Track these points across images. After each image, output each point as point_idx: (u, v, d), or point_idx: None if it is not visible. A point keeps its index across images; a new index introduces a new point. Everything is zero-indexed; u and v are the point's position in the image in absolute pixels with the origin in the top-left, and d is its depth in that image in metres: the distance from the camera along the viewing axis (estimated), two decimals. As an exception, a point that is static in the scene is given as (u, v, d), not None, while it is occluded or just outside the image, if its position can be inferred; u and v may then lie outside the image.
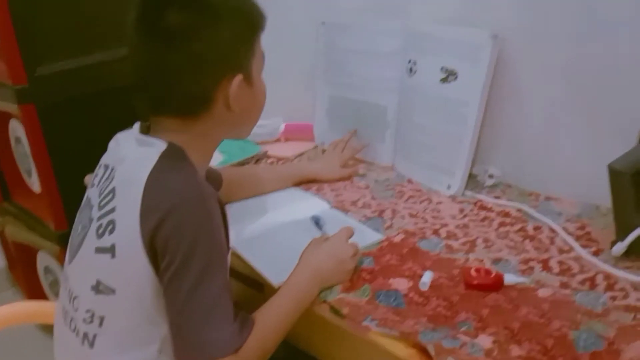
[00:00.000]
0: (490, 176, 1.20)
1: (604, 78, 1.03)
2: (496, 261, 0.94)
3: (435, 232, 1.04)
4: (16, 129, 1.60)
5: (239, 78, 0.82)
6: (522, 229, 1.04)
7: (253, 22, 0.85)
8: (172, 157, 0.80)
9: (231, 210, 0.97)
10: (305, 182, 1.26)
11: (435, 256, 0.97)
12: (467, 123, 1.14)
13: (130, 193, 0.77)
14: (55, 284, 1.77)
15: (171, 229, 0.74)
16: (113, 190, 0.80)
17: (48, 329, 0.94)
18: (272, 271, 0.94)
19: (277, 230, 1.07)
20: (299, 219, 1.10)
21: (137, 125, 0.86)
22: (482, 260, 0.95)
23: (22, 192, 1.72)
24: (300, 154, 1.42)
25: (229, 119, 0.84)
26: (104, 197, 0.80)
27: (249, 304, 0.91)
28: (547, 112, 1.12)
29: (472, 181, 1.21)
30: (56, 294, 1.79)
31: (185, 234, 0.74)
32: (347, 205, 1.16)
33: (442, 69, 1.17)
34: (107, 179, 0.82)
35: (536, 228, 1.04)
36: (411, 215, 1.11)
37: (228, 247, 0.83)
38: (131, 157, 0.81)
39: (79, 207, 0.88)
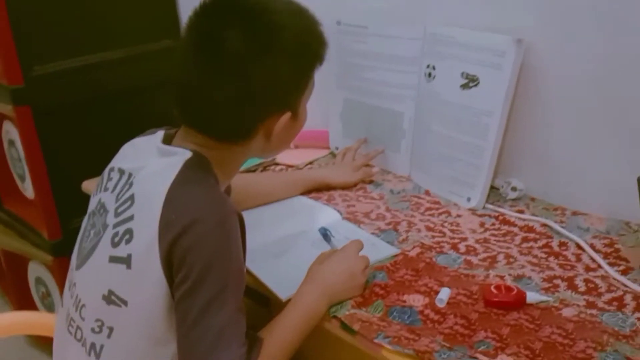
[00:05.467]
0: (513, 189, 1.21)
1: (637, 86, 1.05)
2: (518, 278, 0.96)
3: (454, 247, 1.06)
4: (10, 132, 1.63)
5: (287, 116, 0.86)
6: (546, 245, 1.06)
7: (316, 56, 0.87)
8: (196, 168, 0.82)
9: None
10: (315, 188, 1.29)
11: (453, 272, 0.98)
12: (489, 133, 1.16)
13: (150, 204, 0.80)
14: (47, 296, 1.80)
15: (190, 243, 0.76)
16: (132, 198, 0.82)
17: (36, 340, 0.96)
18: (280, 285, 0.96)
19: (284, 242, 1.09)
20: (308, 230, 1.13)
21: (159, 133, 0.89)
22: (503, 277, 0.96)
23: (14, 198, 1.75)
24: (311, 162, 1.44)
25: (263, 146, 0.89)
26: (122, 204, 0.83)
27: (253, 319, 0.93)
28: (574, 121, 1.14)
29: (494, 194, 1.23)
30: (47, 307, 1.82)
31: (203, 251, 0.77)
32: (359, 217, 1.18)
33: (462, 74, 1.19)
34: (124, 184, 0.85)
35: (562, 244, 1.05)
36: (428, 229, 1.13)
37: (244, 266, 0.86)
38: (152, 167, 0.84)
39: (88, 212, 0.91)
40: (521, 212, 1.17)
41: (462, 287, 0.94)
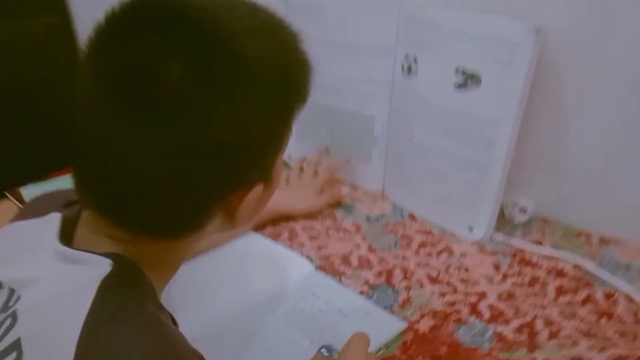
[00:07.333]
0: (522, 210, 0.94)
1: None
2: (574, 361, 0.70)
3: (474, 310, 0.78)
4: None
5: (258, 189, 0.52)
6: (590, 299, 0.79)
7: (298, 95, 0.53)
8: (121, 287, 0.48)
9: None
10: (270, 220, 0.96)
11: (487, 357, 0.70)
12: (496, 147, 0.87)
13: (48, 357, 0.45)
14: None
15: None
16: (17, 345, 0.46)
17: None
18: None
19: (246, 324, 0.76)
20: (276, 295, 0.81)
21: (55, 218, 0.53)
22: (554, 361, 0.70)
23: None
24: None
25: (222, 227, 0.55)
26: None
27: None
28: (603, 131, 0.86)
29: (498, 217, 0.94)
30: None
31: None
32: (336, 265, 0.87)
33: (457, 70, 0.88)
34: (3, 317, 0.49)
35: (608, 296, 0.80)
36: (431, 280, 0.84)
37: None
38: (48, 286, 0.48)
39: None
40: (539, 243, 0.90)
41: (505, 383, 0.66)
